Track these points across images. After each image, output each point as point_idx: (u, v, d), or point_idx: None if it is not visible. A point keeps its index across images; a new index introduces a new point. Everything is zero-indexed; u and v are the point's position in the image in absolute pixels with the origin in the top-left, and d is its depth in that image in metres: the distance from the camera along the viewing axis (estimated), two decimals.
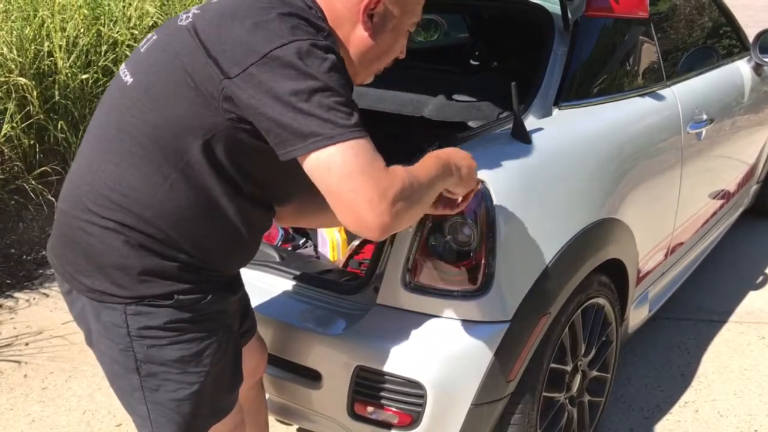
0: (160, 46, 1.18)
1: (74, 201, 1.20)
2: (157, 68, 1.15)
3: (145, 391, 1.23)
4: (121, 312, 1.18)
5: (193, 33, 1.13)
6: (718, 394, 2.35)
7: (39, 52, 3.60)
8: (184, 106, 1.12)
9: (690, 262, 2.66)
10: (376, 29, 1.22)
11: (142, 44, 1.25)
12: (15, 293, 3.07)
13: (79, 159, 1.23)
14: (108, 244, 1.16)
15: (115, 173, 1.15)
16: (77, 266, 1.21)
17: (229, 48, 1.08)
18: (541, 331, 1.61)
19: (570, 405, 1.86)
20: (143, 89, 1.15)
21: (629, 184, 1.93)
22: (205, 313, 1.23)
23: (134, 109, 1.15)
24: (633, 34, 2.17)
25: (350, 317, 1.60)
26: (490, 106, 2.06)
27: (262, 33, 1.07)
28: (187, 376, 1.22)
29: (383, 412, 1.55)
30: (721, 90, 2.65)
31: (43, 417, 2.30)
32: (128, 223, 1.15)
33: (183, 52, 1.12)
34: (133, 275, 1.16)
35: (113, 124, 1.18)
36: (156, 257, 1.17)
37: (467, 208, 1.47)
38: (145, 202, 1.15)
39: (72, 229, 1.20)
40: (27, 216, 3.51)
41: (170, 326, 1.19)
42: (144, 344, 1.19)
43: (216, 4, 1.18)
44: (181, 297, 1.19)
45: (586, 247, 1.73)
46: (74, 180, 1.22)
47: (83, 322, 1.27)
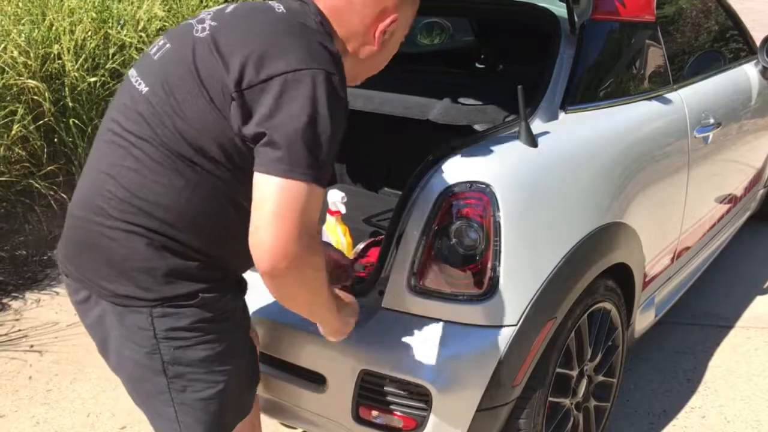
0: (176, 57, 1.20)
1: (93, 208, 1.22)
2: (173, 78, 1.18)
3: (172, 392, 1.25)
4: (147, 315, 1.20)
5: (213, 47, 1.16)
6: (724, 399, 2.34)
7: (48, 55, 3.61)
8: (202, 115, 1.15)
9: (697, 267, 2.65)
10: (384, 44, 1.31)
11: (152, 50, 1.27)
12: (21, 294, 3.08)
13: (93, 167, 1.25)
14: (132, 248, 1.18)
15: (135, 179, 1.18)
16: (99, 272, 1.22)
17: (247, 63, 1.12)
18: (546, 336, 1.60)
19: (576, 410, 1.85)
20: (161, 97, 1.18)
21: (636, 188, 1.93)
22: (225, 311, 1.26)
23: (153, 117, 1.18)
24: (639, 38, 2.17)
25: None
26: (496, 110, 2.05)
27: (281, 54, 1.12)
28: (213, 375, 1.25)
29: (388, 416, 1.54)
30: (728, 94, 2.64)
31: (48, 419, 2.30)
32: (151, 227, 1.18)
33: (201, 66, 1.16)
34: (158, 277, 1.19)
35: (130, 131, 1.20)
36: (179, 258, 1.19)
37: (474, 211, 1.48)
38: (166, 206, 1.18)
39: (92, 235, 1.21)
40: (33, 217, 3.53)
41: (195, 326, 1.22)
42: (171, 346, 1.22)
43: (234, 18, 1.22)
44: (204, 295, 1.22)
45: (592, 251, 1.72)
46: (90, 188, 1.24)
47: (99, 329, 1.28)
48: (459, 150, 1.60)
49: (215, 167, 1.18)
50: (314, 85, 1.10)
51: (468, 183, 1.52)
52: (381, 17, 1.26)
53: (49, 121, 3.56)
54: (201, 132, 1.16)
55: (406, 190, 1.56)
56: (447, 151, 1.59)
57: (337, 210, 2.01)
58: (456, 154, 1.59)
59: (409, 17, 1.33)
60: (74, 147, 3.67)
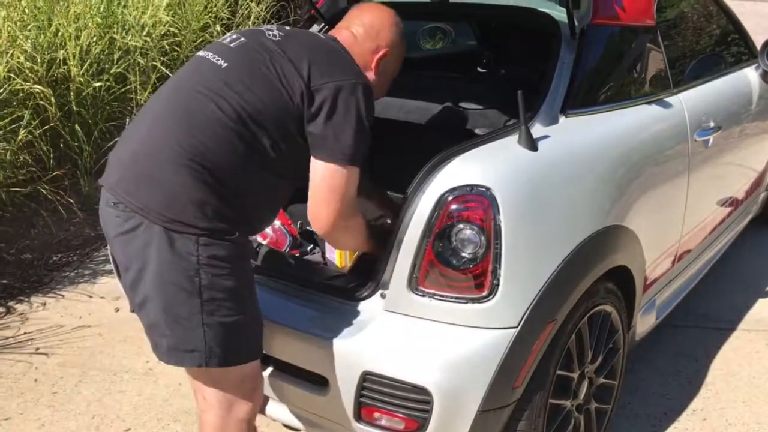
0: (252, 48, 1.54)
1: (164, 147, 1.45)
2: (249, 64, 1.51)
3: (204, 314, 1.43)
4: (194, 242, 1.42)
5: (282, 51, 1.53)
6: (726, 402, 2.34)
7: (53, 60, 3.64)
8: (269, 98, 1.47)
9: (698, 270, 2.66)
10: (380, 74, 1.70)
11: (226, 40, 1.60)
12: (26, 298, 3.11)
13: (163, 116, 1.49)
14: (191, 185, 1.42)
15: (206, 131, 1.44)
16: (159, 201, 1.43)
17: (312, 68, 1.50)
18: (547, 338, 1.61)
19: (577, 412, 1.86)
20: (237, 76, 1.49)
21: (636, 191, 1.94)
22: (247, 252, 1.57)
23: (227, 88, 1.48)
24: (640, 42, 2.18)
25: (357, 323, 1.61)
26: (496, 114, 2.07)
27: (339, 66, 1.53)
28: (238, 305, 1.47)
29: (390, 418, 1.56)
30: (728, 97, 2.65)
31: (53, 421, 2.32)
32: (210, 170, 1.43)
33: (275, 62, 1.51)
34: (208, 212, 1.43)
35: (206, 93, 1.48)
36: (225, 202, 1.45)
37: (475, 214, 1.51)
38: (223, 158, 1.45)
39: (157, 168, 1.45)
40: (39, 221, 3.55)
41: (230, 258, 1.45)
42: (209, 272, 1.43)
43: (295, 34, 1.61)
44: (238, 235, 1.47)
45: (592, 254, 1.73)
46: (163, 130, 1.47)
47: (140, 258, 1.45)
48: (460, 154, 1.62)
49: (267, 140, 1.48)
50: (359, 92, 1.50)
51: (469, 186, 1.54)
52: (376, 51, 1.67)
53: (55, 126, 3.58)
54: (264, 111, 1.47)
55: (408, 193, 1.57)
56: (448, 155, 1.60)
57: None
58: (457, 157, 1.60)
59: (397, 54, 1.74)
60: (80, 151, 3.69)
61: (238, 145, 1.45)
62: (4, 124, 3.35)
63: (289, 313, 1.71)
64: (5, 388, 2.49)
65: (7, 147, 3.37)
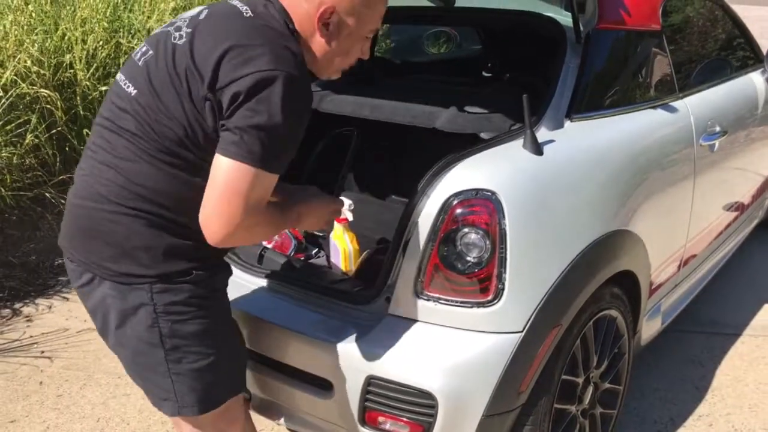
0: (158, 62, 1.33)
1: (94, 195, 1.34)
2: (157, 82, 1.31)
3: (169, 364, 1.37)
4: (147, 291, 1.33)
5: (189, 54, 1.29)
6: (732, 408, 2.33)
7: (60, 64, 3.66)
8: (183, 115, 1.29)
9: (704, 275, 2.65)
10: (331, 36, 1.37)
11: (136, 55, 1.40)
12: (32, 301, 3.12)
13: (91, 159, 1.37)
14: (133, 229, 1.31)
15: (132, 168, 1.31)
16: (102, 254, 1.34)
17: (220, 67, 1.25)
18: (552, 343, 1.61)
19: (582, 417, 1.86)
20: (147, 99, 1.31)
21: (641, 196, 1.93)
22: (215, 289, 1.41)
23: (142, 116, 1.31)
24: (645, 47, 2.18)
25: (362, 327, 1.61)
26: (502, 118, 2.06)
27: (250, 57, 1.25)
28: (206, 348, 1.38)
29: (394, 422, 1.55)
30: (734, 102, 2.65)
31: (58, 424, 2.32)
32: (149, 210, 1.31)
33: (180, 70, 1.29)
34: (157, 255, 1.32)
35: (124, 128, 1.33)
36: (175, 237, 1.33)
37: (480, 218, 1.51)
38: (160, 191, 1.31)
39: (95, 220, 1.34)
40: (44, 225, 3.57)
41: (190, 301, 1.35)
42: (169, 320, 1.34)
43: (207, 25, 1.33)
44: (197, 272, 1.36)
45: (598, 258, 1.73)
46: (90, 177, 1.36)
47: (101, 311, 1.39)
48: (465, 158, 1.62)
49: (197, 159, 1.31)
50: (276, 85, 1.23)
51: (474, 191, 1.54)
52: (319, 8, 1.34)
53: (61, 130, 3.60)
54: (184, 129, 1.29)
55: (412, 197, 1.57)
56: (453, 159, 1.60)
57: (344, 217, 2.03)
58: (462, 161, 1.60)
59: (359, 11, 1.36)
60: None
61: (171, 175, 1.31)
62: (11, 128, 3.37)
63: (293, 316, 1.71)
64: (10, 391, 2.50)
65: (13, 151, 3.39)
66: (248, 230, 1.28)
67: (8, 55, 3.46)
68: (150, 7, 4.30)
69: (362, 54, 1.44)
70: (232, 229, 1.25)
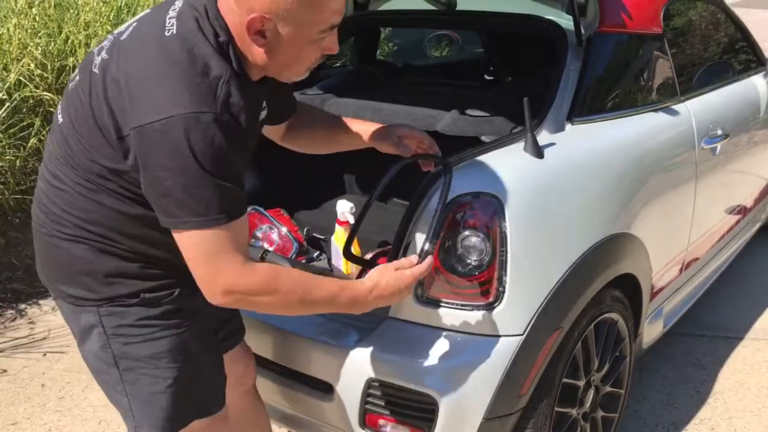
0: (79, 93, 1.23)
1: (37, 218, 1.32)
2: (76, 114, 1.22)
3: (125, 384, 1.32)
4: (95, 313, 1.28)
5: (101, 89, 1.17)
6: (734, 411, 2.32)
7: (63, 68, 3.68)
8: (101, 151, 1.18)
9: (706, 278, 2.64)
10: (270, 45, 1.17)
11: (70, 83, 1.30)
12: (33, 304, 3.12)
13: (40, 183, 1.34)
14: (72, 254, 1.26)
15: (63, 197, 1.25)
16: (53, 275, 1.32)
17: (121, 112, 1.14)
18: (553, 346, 1.61)
19: (583, 420, 1.85)
20: (69, 131, 1.23)
21: (643, 199, 1.93)
22: (174, 309, 1.30)
23: (66, 147, 1.24)
24: (647, 50, 2.18)
25: (362, 330, 1.61)
26: (503, 121, 2.07)
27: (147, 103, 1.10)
28: (160, 371, 1.30)
29: (395, 425, 1.55)
30: (736, 105, 2.65)
31: (60, 427, 2.33)
32: (86, 236, 1.25)
33: (95, 107, 1.18)
34: (100, 279, 1.26)
35: (55, 156, 1.27)
36: (118, 260, 1.26)
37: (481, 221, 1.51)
38: (94, 219, 1.24)
39: (41, 242, 1.32)
40: None
41: (141, 323, 1.28)
42: (119, 341, 1.28)
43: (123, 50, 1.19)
44: (146, 295, 1.28)
45: (599, 261, 1.73)
46: (35, 200, 1.34)
47: (67, 321, 1.37)
48: (466, 161, 1.62)
49: (121, 188, 1.21)
50: (177, 132, 1.08)
51: (474, 194, 1.54)
52: (247, 16, 1.13)
53: None
54: (102, 164, 1.19)
55: (413, 200, 1.58)
56: (454, 162, 1.60)
57: (345, 220, 2.03)
58: (463, 164, 1.60)
59: (296, 15, 1.13)
60: None
61: (103, 203, 1.22)
62: (14, 132, 3.38)
63: (294, 319, 1.71)
64: (12, 393, 2.50)
65: (17, 154, 3.40)
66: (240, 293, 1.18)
67: (12, 59, 3.47)
68: None
69: (326, 51, 1.23)
70: (222, 289, 1.16)
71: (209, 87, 1.12)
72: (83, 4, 3.90)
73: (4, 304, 3.09)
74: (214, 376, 1.41)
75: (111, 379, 1.33)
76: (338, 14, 1.19)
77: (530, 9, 2.20)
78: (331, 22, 1.19)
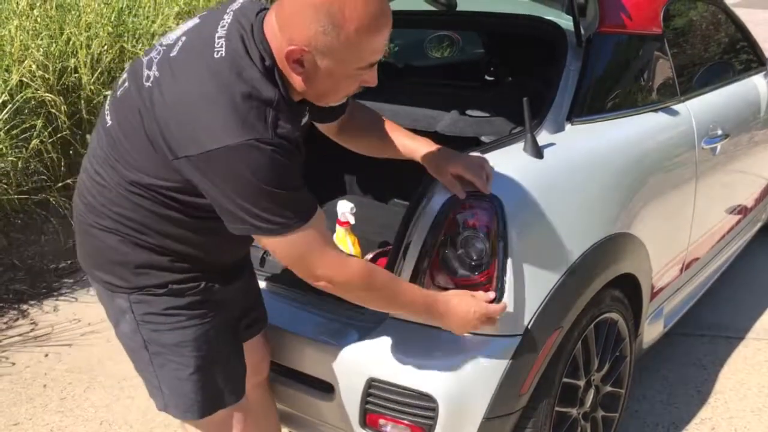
0: (130, 103, 1.26)
1: (78, 206, 1.39)
2: (125, 123, 1.26)
3: (154, 366, 1.39)
4: (126, 300, 1.35)
5: (151, 108, 1.20)
6: (735, 411, 2.32)
7: (65, 69, 3.68)
8: (147, 160, 1.23)
9: (706, 278, 2.64)
10: (308, 75, 1.20)
11: (118, 85, 1.32)
12: (35, 304, 3.13)
13: (82, 175, 1.39)
14: (107, 243, 1.33)
15: (105, 193, 1.31)
16: (90, 261, 1.40)
17: (174, 136, 1.17)
18: (553, 346, 1.61)
19: (583, 420, 1.86)
20: (118, 136, 1.28)
21: (643, 199, 1.94)
22: (200, 300, 1.37)
23: (113, 150, 1.29)
24: (647, 50, 2.18)
25: (363, 329, 1.61)
26: (503, 121, 2.07)
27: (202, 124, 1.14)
28: (185, 359, 1.37)
29: (395, 425, 1.56)
30: (736, 105, 2.65)
31: (62, 427, 2.33)
32: (121, 230, 1.31)
33: (146, 122, 1.21)
34: (131, 269, 1.33)
35: (99, 155, 1.32)
36: (149, 253, 1.32)
37: (481, 221, 1.52)
38: (130, 217, 1.30)
39: (81, 232, 1.39)
40: (49, 228, 3.58)
41: (168, 312, 1.34)
42: (147, 328, 1.36)
43: (173, 68, 1.21)
44: (174, 286, 1.34)
45: (598, 261, 1.73)
46: (78, 192, 1.40)
47: (103, 304, 1.44)
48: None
49: (163, 197, 1.26)
50: (233, 159, 1.13)
51: (474, 194, 1.54)
52: (287, 46, 1.16)
53: (65, 135, 3.62)
54: (151, 175, 1.24)
55: (413, 200, 1.58)
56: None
57: (346, 221, 2.04)
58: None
59: (338, 53, 1.16)
60: None
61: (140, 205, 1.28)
62: (16, 133, 3.39)
63: (294, 319, 1.72)
64: (14, 394, 2.51)
65: (19, 155, 3.41)
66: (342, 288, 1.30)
67: (13, 60, 3.48)
68: (154, 11, 4.33)
69: (364, 84, 1.26)
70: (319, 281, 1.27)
71: (258, 113, 1.15)
72: (85, 5, 3.91)
73: (6, 305, 3.09)
74: (236, 366, 1.47)
75: (143, 359, 1.40)
76: (378, 54, 1.22)
77: (530, 9, 2.21)
78: (369, 61, 1.22)
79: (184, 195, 1.25)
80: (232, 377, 1.46)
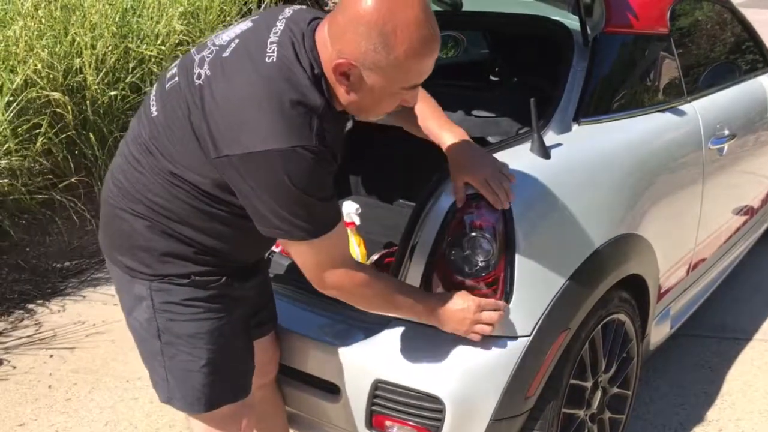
0: (178, 97, 1.29)
1: (109, 189, 1.40)
2: (172, 116, 1.29)
3: (164, 356, 1.39)
4: (147, 287, 1.36)
5: (201, 105, 1.23)
6: (742, 413, 2.31)
7: (70, 69, 3.69)
8: (192, 158, 1.27)
9: (713, 279, 2.63)
10: (353, 88, 1.23)
11: (167, 77, 1.36)
12: (41, 304, 3.13)
13: (118, 158, 1.41)
14: (135, 228, 1.34)
15: (140, 179, 1.33)
16: (114, 244, 1.41)
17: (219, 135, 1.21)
18: (560, 347, 1.60)
19: (590, 422, 1.85)
20: (162, 127, 1.31)
21: (650, 199, 1.93)
22: (219, 295, 1.39)
23: (155, 140, 1.32)
24: (653, 50, 2.17)
25: (369, 331, 1.61)
26: (509, 122, 2.07)
27: (249, 126, 1.18)
28: (198, 351, 1.38)
29: (401, 426, 1.55)
30: (743, 105, 2.64)
31: (67, 428, 2.33)
32: (151, 216, 1.33)
33: (194, 119, 1.25)
34: (156, 256, 1.34)
35: (141, 142, 1.35)
36: (175, 242, 1.34)
37: (487, 222, 1.51)
38: (162, 205, 1.32)
39: (108, 214, 1.40)
40: (54, 228, 3.59)
41: (187, 303, 1.35)
42: (164, 317, 1.36)
43: (224, 69, 1.24)
44: (197, 278, 1.36)
45: (606, 262, 1.72)
46: (111, 174, 1.41)
47: (119, 292, 1.45)
48: None
49: (202, 191, 1.29)
50: (276, 164, 1.16)
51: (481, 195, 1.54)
52: (336, 59, 1.19)
53: (71, 134, 3.62)
54: (189, 167, 1.27)
55: (419, 201, 1.57)
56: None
57: (351, 221, 2.03)
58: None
59: (386, 71, 1.18)
60: (94, 160, 3.73)
61: (175, 195, 1.30)
62: (22, 132, 3.39)
63: (300, 320, 1.71)
64: (19, 394, 2.51)
65: (25, 154, 3.41)
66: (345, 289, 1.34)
67: (19, 60, 3.49)
68: (158, 12, 4.33)
69: (404, 103, 1.30)
70: (326, 287, 1.33)
71: (304, 119, 1.18)
72: (89, 6, 3.92)
73: (12, 305, 3.10)
74: (246, 363, 1.48)
75: (152, 349, 1.41)
76: (423, 76, 1.26)
77: (536, 9, 2.20)
78: (414, 82, 1.25)
79: (223, 193, 1.28)
80: (241, 374, 1.47)
